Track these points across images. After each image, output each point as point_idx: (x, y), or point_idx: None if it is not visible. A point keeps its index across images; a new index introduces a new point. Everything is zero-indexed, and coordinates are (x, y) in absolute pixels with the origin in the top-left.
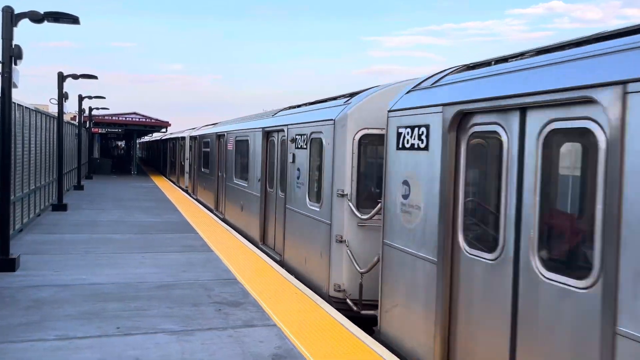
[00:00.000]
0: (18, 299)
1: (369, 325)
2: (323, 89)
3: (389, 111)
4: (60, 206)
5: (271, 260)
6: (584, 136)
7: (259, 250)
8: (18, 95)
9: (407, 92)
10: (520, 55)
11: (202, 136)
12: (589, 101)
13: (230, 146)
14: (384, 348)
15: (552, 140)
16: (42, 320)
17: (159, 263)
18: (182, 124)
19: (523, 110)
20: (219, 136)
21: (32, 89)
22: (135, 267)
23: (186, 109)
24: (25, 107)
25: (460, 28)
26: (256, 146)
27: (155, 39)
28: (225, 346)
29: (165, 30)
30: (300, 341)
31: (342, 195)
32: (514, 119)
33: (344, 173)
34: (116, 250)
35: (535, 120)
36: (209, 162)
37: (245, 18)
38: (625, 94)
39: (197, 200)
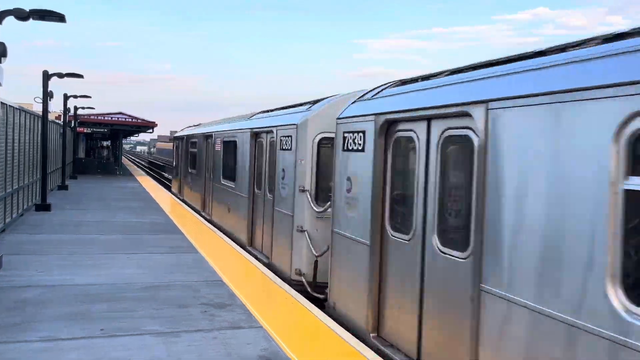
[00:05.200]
0: (1, 299)
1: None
2: (313, 91)
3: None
4: (43, 206)
5: (258, 262)
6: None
7: (245, 252)
8: (2, 94)
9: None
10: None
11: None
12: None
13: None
14: (373, 352)
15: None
16: (25, 322)
17: (144, 264)
18: (169, 125)
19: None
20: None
21: (16, 88)
22: (121, 268)
23: (174, 109)
24: (9, 105)
25: (449, 32)
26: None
27: (142, 39)
28: (211, 348)
29: (152, 30)
30: (287, 344)
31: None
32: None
33: None
34: (102, 251)
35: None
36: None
37: (234, 19)
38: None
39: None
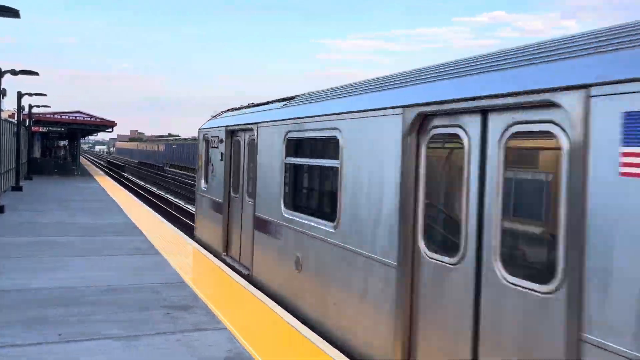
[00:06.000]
0: None
1: None
2: (275, 91)
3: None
4: None
5: (220, 262)
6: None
7: (207, 253)
8: None
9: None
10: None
11: None
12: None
13: None
14: (337, 350)
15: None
16: None
17: (104, 266)
18: (130, 124)
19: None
20: None
21: None
22: (80, 271)
23: (134, 108)
24: None
25: (410, 34)
26: None
27: (101, 36)
28: (174, 351)
29: (111, 27)
30: (251, 344)
31: None
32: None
33: None
34: (59, 254)
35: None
36: None
37: (197, 20)
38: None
39: None
